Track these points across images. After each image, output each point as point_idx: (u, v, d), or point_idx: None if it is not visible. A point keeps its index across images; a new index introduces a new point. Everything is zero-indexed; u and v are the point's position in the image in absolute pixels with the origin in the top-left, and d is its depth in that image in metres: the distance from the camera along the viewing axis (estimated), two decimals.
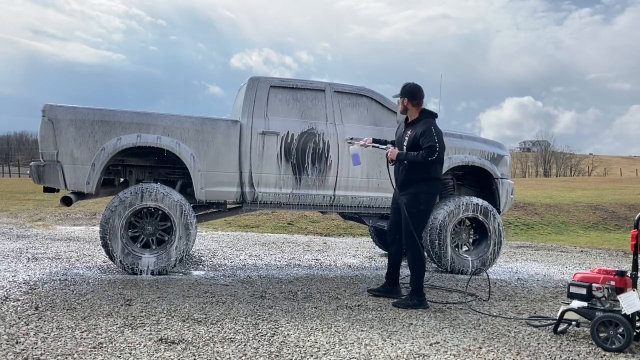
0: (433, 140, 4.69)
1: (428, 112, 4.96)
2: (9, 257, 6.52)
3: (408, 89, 4.92)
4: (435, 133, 4.73)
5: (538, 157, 67.65)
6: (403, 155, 4.81)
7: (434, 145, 4.68)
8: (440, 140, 4.73)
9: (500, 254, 6.79)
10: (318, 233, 10.86)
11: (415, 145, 4.79)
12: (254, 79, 6.29)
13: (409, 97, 4.91)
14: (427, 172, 4.82)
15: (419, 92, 4.92)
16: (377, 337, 3.76)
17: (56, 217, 11.53)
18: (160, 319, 3.99)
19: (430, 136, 4.71)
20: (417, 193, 4.83)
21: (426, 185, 4.84)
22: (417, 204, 4.82)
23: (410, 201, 4.83)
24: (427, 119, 4.86)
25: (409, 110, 4.96)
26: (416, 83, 4.98)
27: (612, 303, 3.80)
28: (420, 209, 4.84)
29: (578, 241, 11.26)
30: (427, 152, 4.69)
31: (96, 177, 5.68)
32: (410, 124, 4.94)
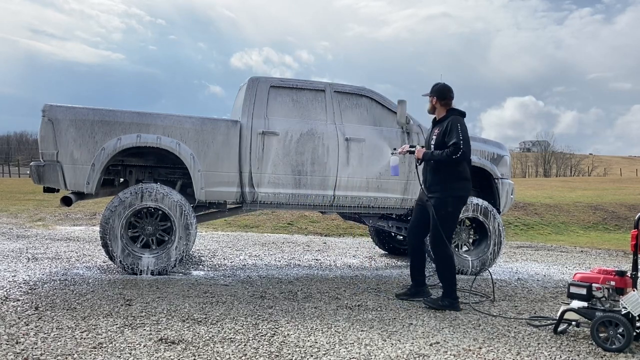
0: (458, 138, 4.62)
1: (456, 110, 4.91)
2: (9, 257, 6.52)
3: (438, 88, 4.91)
4: (460, 130, 4.65)
5: (538, 157, 67.64)
6: (429, 155, 4.77)
7: (459, 142, 4.61)
8: (465, 137, 4.64)
9: (500, 254, 6.79)
10: (318, 233, 10.86)
11: (442, 143, 4.74)
12: (254, 79, 6.29)
13: (438, 96, 4.90)
14: (454, 172, 4.74)
15: (449, 93, 4.90)
16: (377, 337, 3.76)
17: (56, 217, 11.53)
18: (160, 319, 3.99)
19: (456, 133, 4.64)
20: (445, 196, 4.74)
21: (454, 188, 4.76)
22: (446, 206, 4.74)
23: (438, 204, 4.75)
24: (454, 117, 4.79)
25: (436, 110, 4.94)
26: (446, 83, 4.95)
27: (612, 303, 3.80)
28: (449, 211, 4.76)
29: (578, 241, 11.26)
30: (452, 150, 4.63)
31: (96, 177, 5.68)
32: (438, 123, 4.91)
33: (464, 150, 4.62)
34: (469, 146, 4.69)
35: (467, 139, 4.68)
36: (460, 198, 4.82)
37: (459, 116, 4.84)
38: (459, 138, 4.62)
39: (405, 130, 6.54)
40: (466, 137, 4.67)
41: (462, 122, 4.76)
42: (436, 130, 4.88)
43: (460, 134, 4.64)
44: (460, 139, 4.62)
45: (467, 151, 4.67)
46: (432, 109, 4.96)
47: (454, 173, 4.74)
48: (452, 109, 4.90)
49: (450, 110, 4.90)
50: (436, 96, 4.90)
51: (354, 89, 6.54)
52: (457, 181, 4.76)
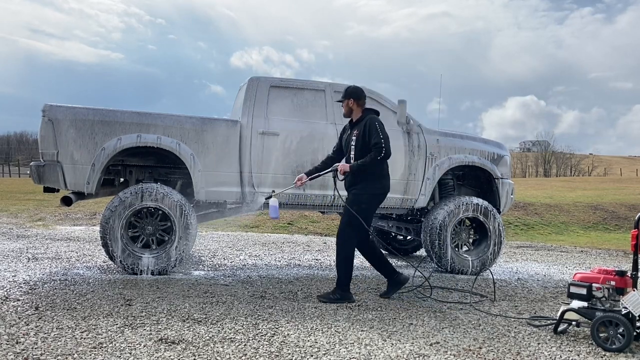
0: (378, 137, 4.70)
1: (371, 110, 5.01)
2: (9, 257, 6.52)
3: (353, 90, 4.97)
4: (379, 128, 4.75)
5: (538, 157, 67.65)
6: (356, 166, 4.81)
7: (380, 142, 4.69)
8: (385, 135, 4.73)
9: (500, 254, 6.80)
10: (318, 233, 10.86)
11: (363, 144, 4.80)
12: (254, 79, 6.29)
13: (354, 98, 4.95)
14: (374, 170, 4.81)
15: (363, 93, 4.99)
16: (377, 337, 3.76)
17: (56, 217, 11.53)
18: (160, 319, 3.99)
19: (376, 132, 4.72)
20: (361, 193, 4.83)
21: (372, 186, 4.83)
22: (359, 202, 4.81)
23: (353, 200, 4.84)
24: (371, 116, 4.87)
25: (353, 112, 4.99)
26: (359, 86, 5.05)
27: (612, 303, 3.80)
28: (362, 207, 4.82)
29: (578, 241, 11.26)
30: (376, 151, 4.71)
31: (96, 177, 5.68)
32: (355, 124, 4.95)
33: (386, 148, 4.71)
34: (389, 143, 4.76)
35: (387, 137, 4.75)
36: (376, 196, 4.89)
37: (375, 115, 4.93)
38: (380, 137, 4.70)
39: (405, 130, 6.54)
40: (385, 134, 4.74)
41: (379, 120, 4.85)
42: (355, 131, 4.89)
43: (379, 132, 4.72)
44: (380, 137, 4.70)
45: (389, 150, 4.75)
46: (349, 112, 5.01)
47: (374, 171, 4.81)
48: (368, 109, 4.99)
49: (366, 110, 4.97)
50: (353, 97, 4.95)
51: None
52: (376, 179, 4.83)
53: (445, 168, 6.69)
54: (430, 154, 6.61)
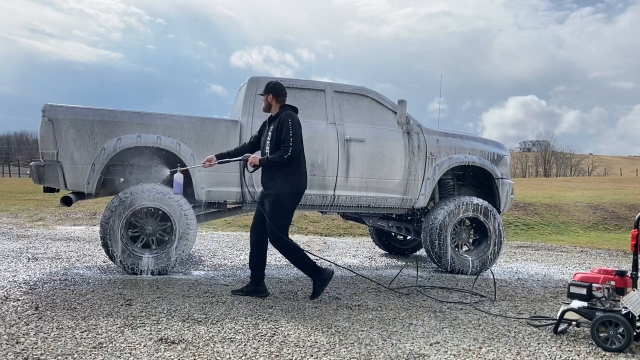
0: (287, 135, 4.67)
1: (289, 106, 4.96)
2: (9, 257, 6.52)
3: (272, 86, 4.94)
4: (291, 127, 4.70)
5: (538, 157, 67.66)
6: (264, 161, 4.79)
7: (288, 141, 4.67)
8: (295, 134, 4.71)
9: (500, 254, 6.80)
10: (318, 233, 10.86)
11: (276, 140, 4.78)
12: (254, 79, 6.29)
13: (273, 93, 4.92)
14: (289, 168, 4.78)
15: (282, 90, 4.97)
16: (377, 337, 3.76)
17: (56, 217, 11.53)
18: (160, 319, 3.99)
19: (286, 130, 4.69)
20: (281, 192, 4.80)
21: (289, 183, 4.80)
22: (281, 202, 4.80)
23: (274, 200, 4.81)
24: (286, 112, 4.83)
25: (272, 107, 4.97)
26: (280, 82, 5.03)
27: (612, 303, 3.80)
28: (284, 206, 4.83)
29: (578, 241, 11.26)
30: (283, 150, 4.69)
31: (96, 177, 5.68)
32: (273, 120, 4.93)
33: (294, 148, 4.68)
34: (299, 143, 4.73)
35: (297, 135, 4.72)
36: (295, 194, 4.88)
37: (292, 112, 4.88)
38: (289, 135, 4.68)
39: (405, 130, 6.55)
40: (296, 133, 4.72)
41: (294, 118, 4.81)
42: (271, 127, 4.88)
43: (290, 130, 4.69)
44: (290, 135, 4.68)
45: (297, 148, 4.71)
46: (268, 107, 4.98)
47: (289, 169, 4.78)
48: (286, 106, 4.96)
49: (283, 106, 4.94)
50: (272, 93, 4.92)
51: (354, 89, 6.54)
52: (292, 177, 4.81)
53: (445, 168, 6.69)
54: (430, 154, 6.62)
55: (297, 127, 4.77)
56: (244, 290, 4.97)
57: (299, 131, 4.78)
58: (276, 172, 4.81)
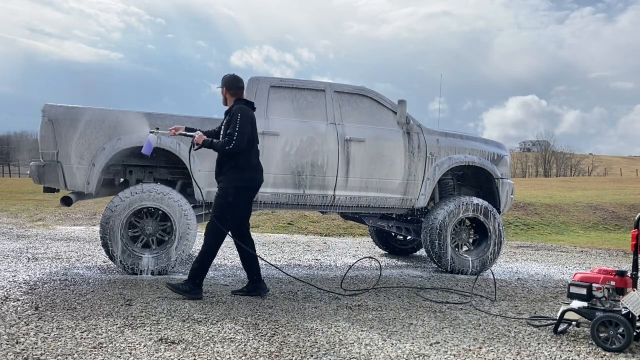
0: (234, 128, 4.60)
1: (243, 100, 4.89)
2: (9, 257, 6.52)
3: (227, 79, 4.89)
4: (239, 120, 4.62)
5: (538, 157, 67.67)
6: (208, 143, 4.72)
7: (233, 133, 4.59)
8: (242, 128, 4.61)
9: (500, 254, 6.80)
10: (318, 233, 10.86)
11: (225, 132, 4.74)
12: (254, 79, 6.29)
13: (227, 87, 4.88)
14: (239, 162, 4.70)
15: (237, 83, 4.90)
16: (377, 337, 3.76)
17: (56, 217, 11.53)
18: (160, 319, 3.99)
19: (234, 122, 4.62)
20: (227, 186, 4.72)
21: (237, 178, 4.72)
22: (226, 196, 4.71)
23: (220, 193, 4.75)
24: (238, 106, 4.76)
25: (227, 100, 4.92)
26: (236, 75, 4.95)
27: (612, 303, 3.80)
28: (229, 201, 4.72)
29: (578, 241, 11.26)
30: (226, 140, 4.62)
31: (96, 177, 5.68)
32: (227, 113, 4.89)
33: (237, 142, 4.59)
34: (243, 137, 4.63)
35: (244, 130, 4.63)
36: (242, 188, 4.76)
37: (245, 106, 4.81)
38: (235, 128, 4.60)
39: (405, 130, 6.55)
40: (243, 127, 4.63)
41: (245, 112, 4.71)
42: (225, 119, 4.86)
43: (237, 124, 4.61)
44: (236, 129, 4.60)
45: (240, 143, 4.62)
46: (224, 101, 4.94)
47: (238, 163, 4.71)
48: (240, 99, 4.88)
49: (238, 100, 4.86)
50: (226, 87, 4.88)
51: (354, 89, 6.54)
52: (241, 171, 4.72)
53: (445, 168, 6.69)
54: (430, 154, 6.62)
55: (246, 121, 4.67)
56: (245, 290, 4.96)
57: (247, 126, 4.67)
58: (226, 166, 4.74)
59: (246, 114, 4.71)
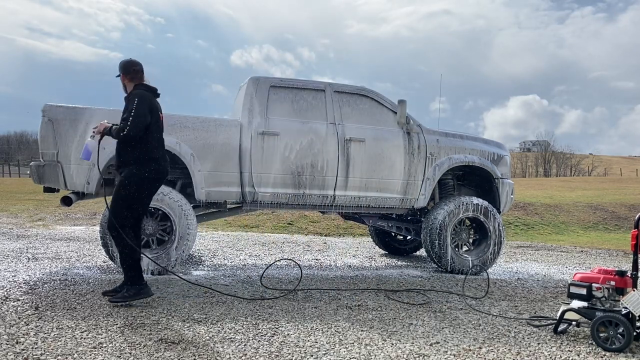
0: (129, 113, 4.30)
1: (143, 85, 4.56)
2: (9, 257, 6.52)
3: (122, 65, 4.59)
4: (135, 106, 4.31)
5: (538, 157, 67.68)
6: (107, 130, 4.41)
7: (127, 117, 4.29)
8: (138, 113, 4.29)
9: (500, 254, 6.80)
10: (318, 233, 10.86)
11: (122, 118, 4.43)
12: (254, 79, 6.29)
13: (123, 73, 4.56)
14: (140, 151, 4.40)
15: (133, 67, 4.56)
16: (377, 337, 3.76)
17: (56, 217, 11.53)
18: (160, 319, 3.99)
19: (130, 107, 4.32)
20: (127, 176, 4.41)
21: (138, 168, 4.40)
22: (126, 186, 4.40)
23: (120, 184, 4.43)
24: (136, 91, 4.45)
25: (127, 87, 4.59)
26: (132, 59, 4.64)
27: (612, 303, 3.80)
28: (130, 192, 4.40)
29: (578, 241, 11.26)
30: (120, 126, 4.32)
31: (96, 177, 5.68)
32: (126, 98, 4.57)
33: (131, 126, 4.27)
34: (139, 123, 4.30)
35: (140, 114, 4.31)
36: (145, 180, 4.43)
37: (144, 90, 4.49)
38: (130, 113, 4.30)
39: (405, 130, 6.55)
40: (140, 112, 4.31)
41: (142, 96, 4.40)
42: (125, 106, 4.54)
43: (133, 109, 4.30)
44: (131, 113, 4.29)
45: (135, 128, 4.29)
46: (125, 88, 4.61)
47: (141, 153, 4.41)
48: (141, 85, 4.55)
49: (137, 85, 4.54)
50: (122, 73, 4.57)
51: (354, 88, 6.54)
52: (142, 162, 4.41)
53: (445, 168, 6.69)
54: (430, 154, 6.62)
55: (143, 107, 4.34)
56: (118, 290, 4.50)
57: (144, 111, 4.34)
58: (126, 155, 4.44)
59: (143, 99, 4.39)
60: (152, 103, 4.48)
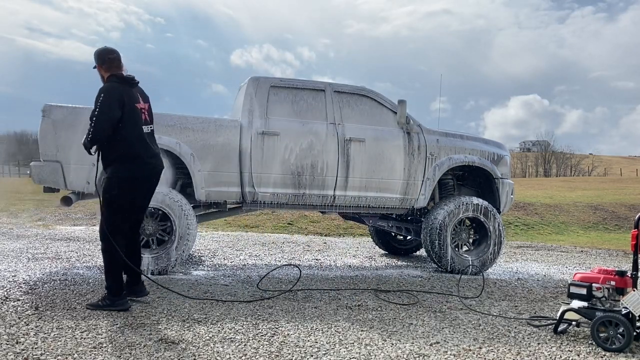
0: (92, 115, 3.97)
1: (115, 76, 4.17)
2: (9, 257, 6.52)
3: (96, 54, 4.24)
4: (99, 104, 3.97)
5: (538, 157, 67.68)
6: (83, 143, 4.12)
7: (90, 122, 3.98)
8: (102, 110, 3.96)
9: (500, 254, 6.79)
10: (318, 233, 10.86)
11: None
12: (254, 79, 6.29)
13: (98, 63, 4.23)
14: (118, 150, 4.11)
15: (106, 55, 4.21)
16: (377, 337, 3.76)
17: (56, 217, 11.53)
18: (160, 319, 3.99)
19: (95, 105, 3.99)
20: (109, 177, 4.17)
21: (118, 168, 4.14)
22: (110, 189, 4.15)
23: (105, 187, 4.19)
24: (104, 86, 4.11)
25: (104, 77, 4.23)
26: (107, 46, 4.29)
27: (612, 303, 3.80)
28: (113, 194, 4.14)
29: (578, 241, 11.26)
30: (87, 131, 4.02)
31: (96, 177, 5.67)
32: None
33: (95, 129, 3.95)
34: (103, 122, 3.97)
35: (104, 112, 3.96)
36: (126, 179, 4.16)
37: (114, 82, 4.12)
38: (94, 112, 3.98)
39: (405, 130, 6.55)
40: (103, 109, 3.96)
41: (108, 90, 4.05)
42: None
43: (97, 108, 3.97)
44: (94, 114, 3.97)
45: (99, 128, 3.96)
46: (102, 79, 4.25)
47: (115, 152, 4.13)
48: (112, 76, 4.17)
49: (110, 77, 4.17)
50: (98, 63, 4.23)
51: (354, 88, 6.54)
52: (119, 160, 4.14)
53: (445, 168, 6.69)
54: (430, 154, 6.61)
55: (107, 102, 3.98)
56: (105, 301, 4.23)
57: (109, 107, 3.98)
58: (107, 155, 4.16)
59: (109, 93, 4.03)
60: (121, 96, 4.07)
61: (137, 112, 4.22)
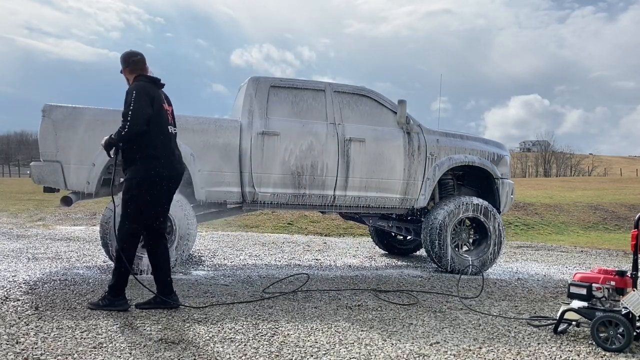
0: (127, 108, 4.03)
1: (143, 77, 4.27)
2: (9, 257, 6.52)
3: (122, 57, 4.35)
4: (133, 100, 4.04)
5: (538, 157, 67.68)
6: (107, 141, 4.16)
7: (126, 113, 4.02)
8: (136, 107, 4.02)
9: (500, 254, 6.80)
10: (318, 233, 10.86)
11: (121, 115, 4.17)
12: (254, 79, 6.29)
13: (124, 66, 4.32)
14: (138, 150, 4.12)
15: (131, 57, 4.31)
16: (377, 337, 3.76)
17: (56, 217, 11.53)
18: (160, 319, 3.99)
19: (127, 103, 4.06)
20: (129, 178, 4.16)
21: (138, 168, 4.14)
22: (129, 189, 4.15)
23: (124, 187, 4.19)
24: (134, 84, 4.18)
25: (130, 80, 4.32)
26: (133, 50, 4.40)
27: (612, 303, 3.80)
28: (133, 194, 4.14)
29: (578, 241, 11.26)
30: (121, 125, 4.05)
31: (96, 177, 5.68)
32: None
33: (131, 122, 4.01)
34: (139, 117, 4.03)
35: (139, 109, 4.03)
36: (146, 180, 4.14)
37: (144, 82, 4.21)
38: (129, 108, 4.03)
39: (405, 130, 6.55)
40: (138, 106, 4.03)
41: (140, 89, 4.11)
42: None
43: (131, 104, 4.03)
44: (129, 108, 4.03)
45: (135, 125, 4.02)
46: (128, 82, 4.33)
47: (139, 151, 4.13)
48: (140, 76, 4.27)
49: (137, 77, 4.26)
50: (123, 66, 4.33)
51: (354, 88, 6.54)
52: (142, 161, 4.13)
53: (445, 168, 6.69)
54: (430, 154, 6.62)
55: (140, 100, 4.05)
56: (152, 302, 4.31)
57: (142, 104, 4.05)
58: (129, 155, 4.17)
59: (141, 91, 4.10)
60: (152, 95, 4.16)
61: (164, 112, 4.27)
